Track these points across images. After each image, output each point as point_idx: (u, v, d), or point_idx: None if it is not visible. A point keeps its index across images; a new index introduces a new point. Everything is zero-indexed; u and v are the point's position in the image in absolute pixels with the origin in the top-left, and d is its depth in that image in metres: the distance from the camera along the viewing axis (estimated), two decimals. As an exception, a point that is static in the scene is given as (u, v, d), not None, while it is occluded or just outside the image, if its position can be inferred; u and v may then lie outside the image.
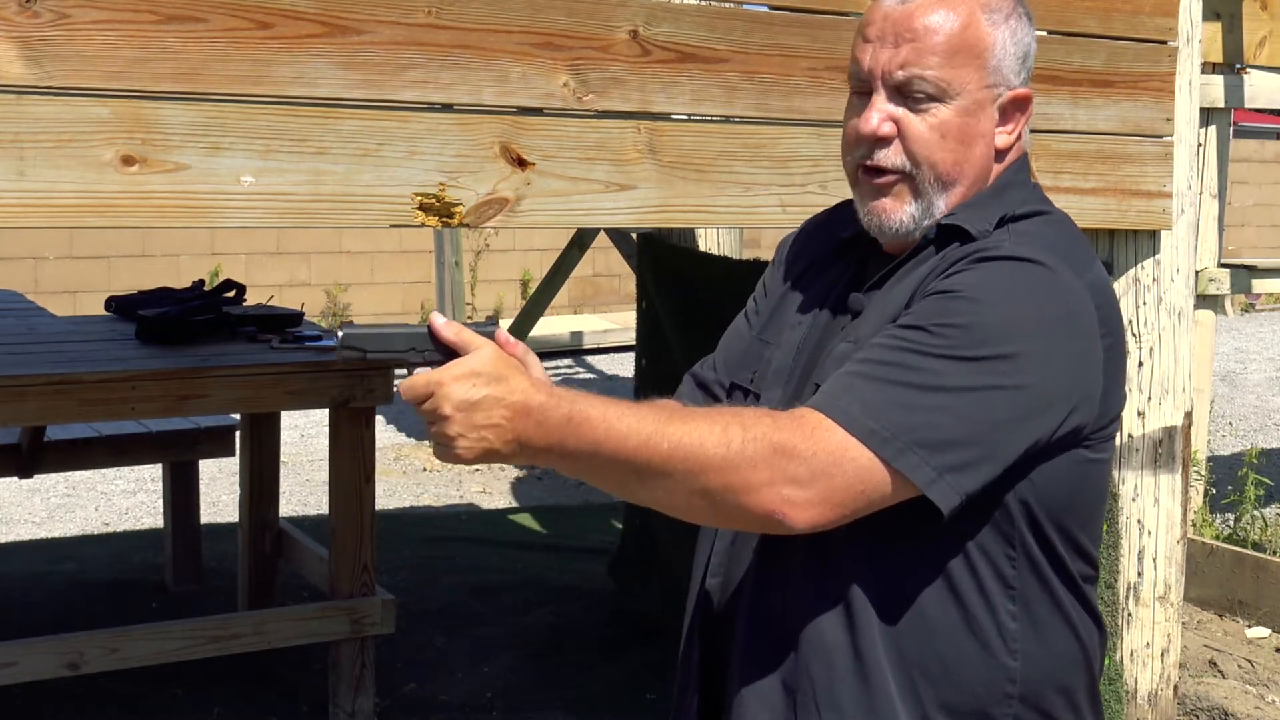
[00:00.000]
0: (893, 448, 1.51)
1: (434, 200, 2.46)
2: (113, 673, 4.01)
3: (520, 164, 2.53)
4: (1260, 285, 5.54)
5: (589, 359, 10.90)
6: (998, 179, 1.72)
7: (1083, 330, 1.61)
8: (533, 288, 10.07)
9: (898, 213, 1.68)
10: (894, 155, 1.67)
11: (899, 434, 1.52)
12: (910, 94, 1.66)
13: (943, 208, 1.68)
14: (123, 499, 6.95)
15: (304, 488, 7.11)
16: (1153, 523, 3.45)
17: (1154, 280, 3.39)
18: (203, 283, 5.14)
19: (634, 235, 5.97)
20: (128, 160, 2.22)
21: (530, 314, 7.86)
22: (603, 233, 7.11)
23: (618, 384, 9.69)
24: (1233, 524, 5.53)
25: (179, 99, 2.26)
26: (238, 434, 4.99)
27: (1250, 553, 4.75)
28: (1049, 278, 1.59)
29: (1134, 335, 3.41)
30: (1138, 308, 3.40)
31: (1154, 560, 3.46)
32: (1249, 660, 4.22)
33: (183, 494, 5.29)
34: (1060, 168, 3.15)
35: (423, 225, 2.47)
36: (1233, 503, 5.57)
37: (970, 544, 1.62)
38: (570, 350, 10.95)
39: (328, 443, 4.28)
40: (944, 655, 1.63)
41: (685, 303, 4.69)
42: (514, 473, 7.56)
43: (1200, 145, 3.86)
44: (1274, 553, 5.02)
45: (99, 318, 5.03)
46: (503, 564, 5.70)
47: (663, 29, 2.66)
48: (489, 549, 5.88)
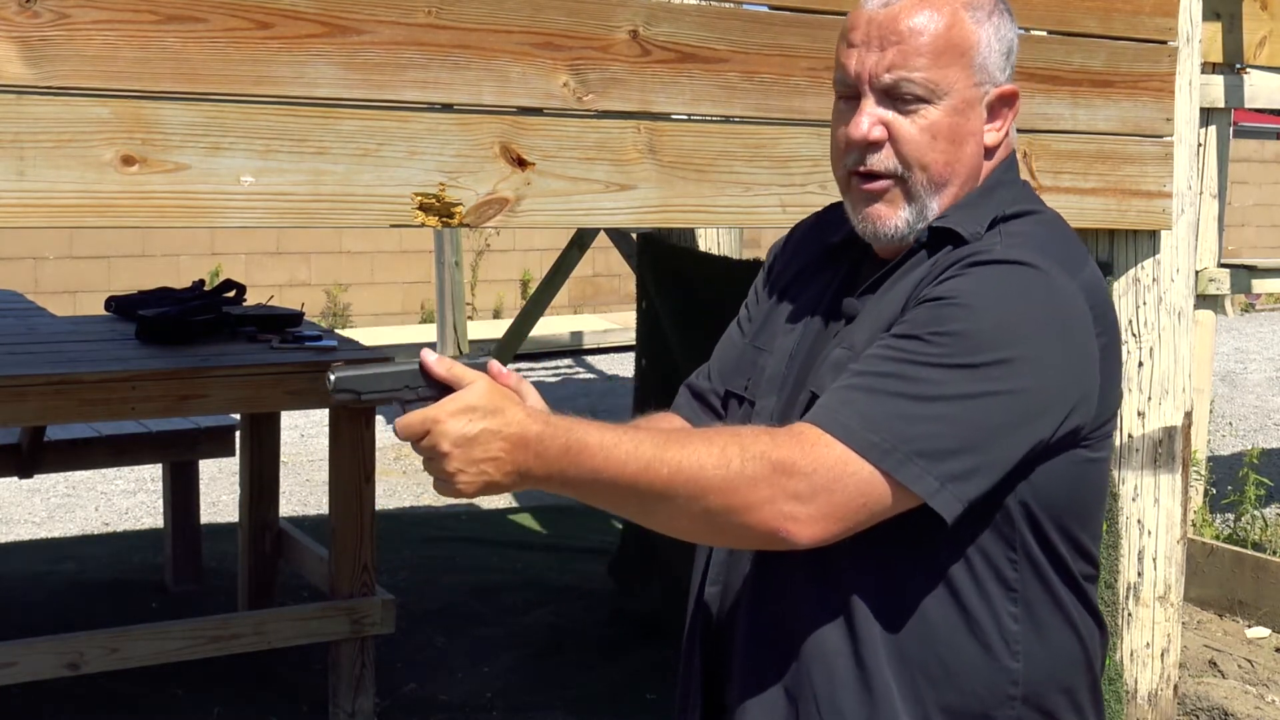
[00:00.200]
0: (894, 459, 1.51)
1: (434, 200, 2.46)
2: (113, 673, 4.01)
3: (520, 164, 2.53)
4: (1260, 285, 5.54)
5: (589, 359, 10.89)
6: (987, 178, 1.72)
7: (1078, 331, 1.60)
8: (533, 288, 10.07)
9: (892, 219, 1.68)
10: (886, 159, 1.66)
11: (899, 445, 1.51)
12: (898, 96, 1.65)
13: (936, 209, 1.67)
14: (123, 499, 6.95)
15: (304, 488, 7.11)
16: (1153, 523, 3.45)
17: (1154, 280, 3.39)
18: (203, 283, 5.14)
19: (634, 235, 5.97)
20: (128, 160, 2.22)
21: (530, 314, 7.85)
22: (603, 233, 7.10)
23: (618, 384, 9.69)
24: (1233, 524, 5.53)
25: (179, 99, 2.26)
26: (238, 434, 4.99)
27: (1250, 553, 4.75)
28: (1042, 280, 1.59)
29: (1134, 335, 3.41)
30: (1138, 308, 3.40)
31: (1154, 560, 3.46)
32: (1249, 660, 4.22)
33: (183, 494, 5.29)
34: (1060, 168, 3.15)
35: (423, 225, 2.47)
36: (1233, 503, 5.57)
37: (971, 548, 1.61)
38: (570, 350, 10.95)
39: (328, 443, 4.28)
40: (946, 659, 1.62)
41: (685, 303, 4.69)
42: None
43: (1200, 145, 3.86)
44: (1274, 553, 5.02)
45: (99, 318, 5.03)
46: (503, 564, 5.70)
47: (663, 29, 2.66)
48: (489, 549, 5.88)
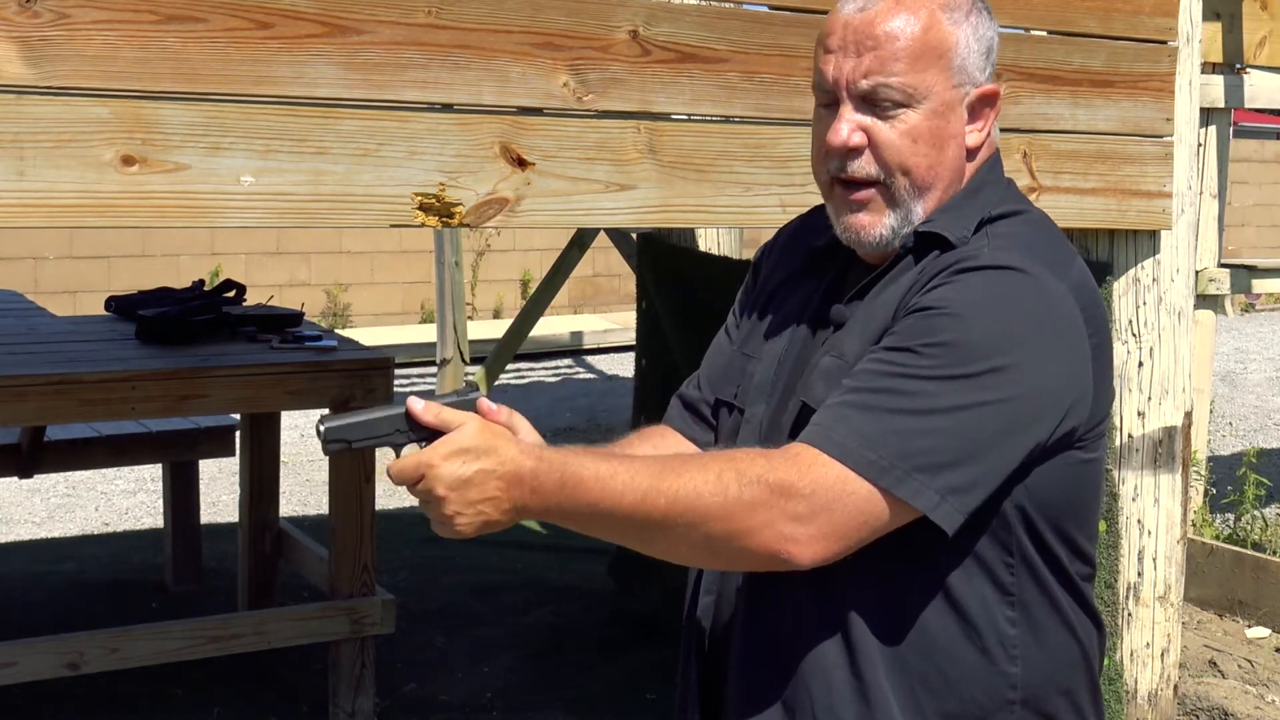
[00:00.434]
0: (892, 476, 1.51)
1: (434, 200, 2.46)
2: (113, 673, 4.02)
3: (520, 164, 2.53)
4: (1260, 285, 5.54)
5: (589, 359, 10.89)
6: (971, 180, 1.70)
7: (1069, 334, 1.59)
8: (533, 288, 10.07)
9: (876, 227, 1.67)
10: (867, 165, 1.65)
11: (897, 462, 1.51)
12: (877, 102, 1.63)
13: (920, 214, 1.66)
14: (123, 499, 6.95)
15: (304, 488, 7.11)
16: (1153, 523, 3.45)
17: (1154, 280, 3.39)
18: (203, 283, 5.14)
19: (634, 235, 5.96)
20: (128, 160, 2.22)
21: (530, 314, 7.84)
22: (603, 233, 7.10)
23: (618, 384, 9.69)
24: (1233, 524, 5.53)
25: (179, 99, 2.25)
26: (238, 434, 4.99)
27: (1250, 553, 4.75)
28: (1031, 284, 1.58)
29: (1134, 335, 3.41)
30: (1138, 308, 3.40)
31: (1154, 560, 3.46)
32: (1249, 660, 4.22)
33: (183, 494, 5.30)
34: (1060, 168, 3.15)
35: (423, 225, 2.47)
36: (1233, 503, 5.57)
37: (967, 555, 1.61)
38: (570, 350, 10.95)
39: (328, 443, 4.27)
40: (944, 667, 1.62)
41: (685, 303, 4.69)
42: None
43: (1200, 145, 3.86)
44: (1274, 553, 5.02)
45: (99, 318, 5.03)
46: (503, 564, 5.70)
47: (663, 29, 2.65)
48: (489, 549, 5.87)
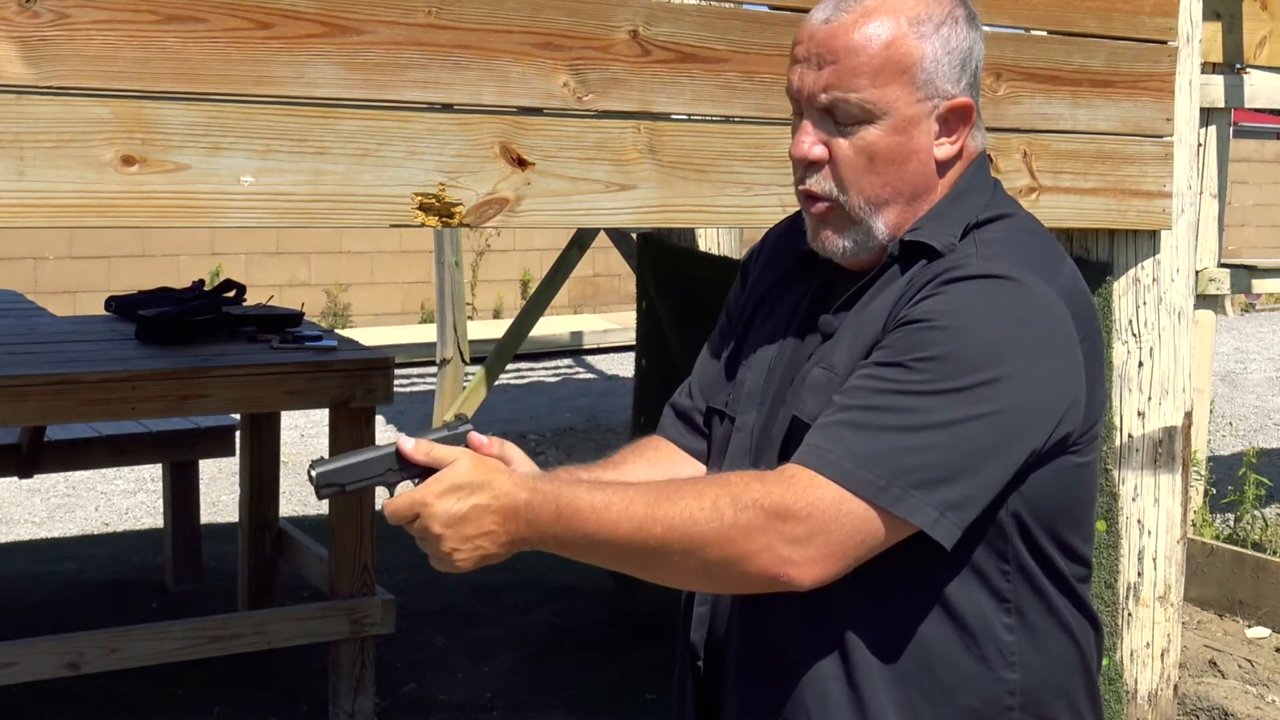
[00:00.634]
0: (890, 495, 1.50)
1: (434, 200, 2.46)
2: (113, 673, 4.02)
3: (520, 164, 2.53)
4: (1260, 285, 5.54)
5: (589, 359, 10.89)
6: (955, 185, 1.68)
7: (1061, 341, 1.58)
8: (533, 288, 10.06)
9: (838, 241, 1.66)
10: (824, 181, 1.64)
11: (894, 480, 1.50)
12: (836, 117, 1.62)
13: (883, 227, 1.65)
14: (123, 499, 6.95)
15: (304, 488, 7.11)
16: (1153, 523, 3.45)
17: (1154, 280, 3.39)
18: (203, 283, 5.14)
19: (634, 235, 5.96)
20: (128, 160, 2.22)
21: (530, 314, 7.84)
22: (603, 233, 7.10)
23: (618, 384, 9.69)
24: (1233, 524, 5.53)
25: (179, 99, 2.25)
26: (238, 434, 4.99)
27: (1250, 553, 4.75)
28: (1020, 293, 1.56)
29: (1134, 335, 3.41)
30: (1138, 308, 3.40)
31: (1154, 560, 3.46)
32: (1249, 660, 4.22)
33: (183, 494, 5.30)
34: (1060, 168, 3.15)
35: (423, 225, 2.47)
36: (1233, 503, 5.57)
37: (963, 565, 1.60)
38: (570, 350, 10.94)
39: (328, 443, 4.28)
40: (941, 675, 1.61)
41: (685, 303, 4.69)
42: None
43: (1200, 145, 3.86)
44: (1274, 553, 5.02)
45: (99, 318, 5.03)
46: (503, 564, 5.65)
47: (663, 29, 2.65)
48: (489, 549, 5.87)
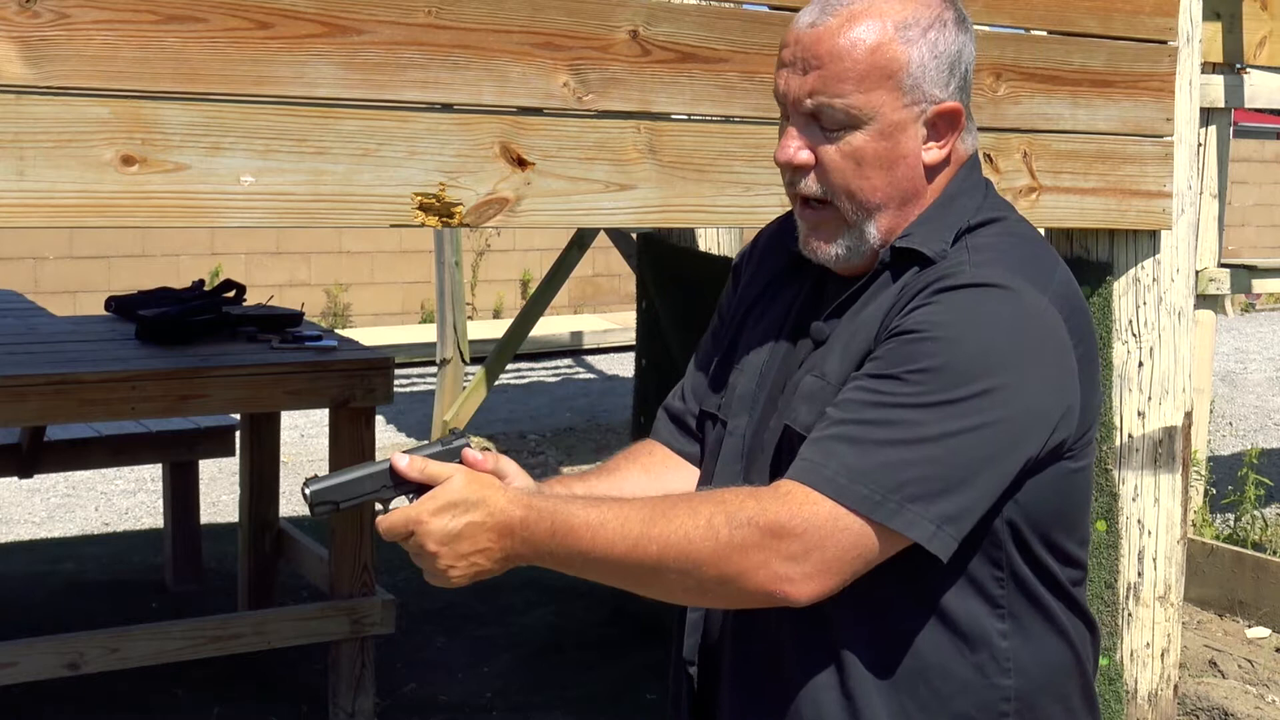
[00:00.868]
0: (886, 510, 1.49)
1: (434, 200, 2.46)
2: (113, 673, 4.01)
3: (520, 164, 2.53)
4: (1260, 285, 5.54)
5: (589, 359, 10.89)
6: (946, 188, 1.67)
7: (1055, 348, 1.58)
8: (533, 288, 10.07)
9: (830, 247, 1.66)
10: (813, 184, 1.64)
11: (890, 495, 1.49)
12: (822, 122, 1.62)
13: (875, 232, 1.64)
14: (123, 499, 6.95)
15: (304, 488, 7.11)
16: (1153, 523, 3.45)
17: (1154, 280, 3.39)
18: (203, 283, 5.14)
19: (634, 235, 5.96)
20: (128, 160, 2.22)
21: (530, 314, 7.84)
22: (603, 233, 7.10)
23: (618, 384, 9.69)
24: (1233, 524, 5.53)
25: (179, 99, 2.25)
26: (238, 434, 4.99)
27: (1250, 553, 4.75)
28: (1013, 301, 1.55)
29: (1134, 335, 3.41)
30: (1138, 308, 3.40)
31: (1154, 560, 3.46)
32: (1249, 660, 4.22)
33: (183, 494, 5.30)
34: (1060, 168, 3.15)
35: (423, 225, 2.47)
36: (1233, 503, 5.57)
37: (957, 574, 1.59)
38: (570, 350, 10.94)
39: (328, 443, 4.28)
40: (936, 683, 1.61)
41: (685, 303, 4.69)
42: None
43: (1200, 145, 3.86)
44: (1274, 553, 5.02)
45: (99, 318, 5.03)
46: (503, 564, 5.69)
47: (663, 29, 2.65)
48: (489, 549, 5.87)
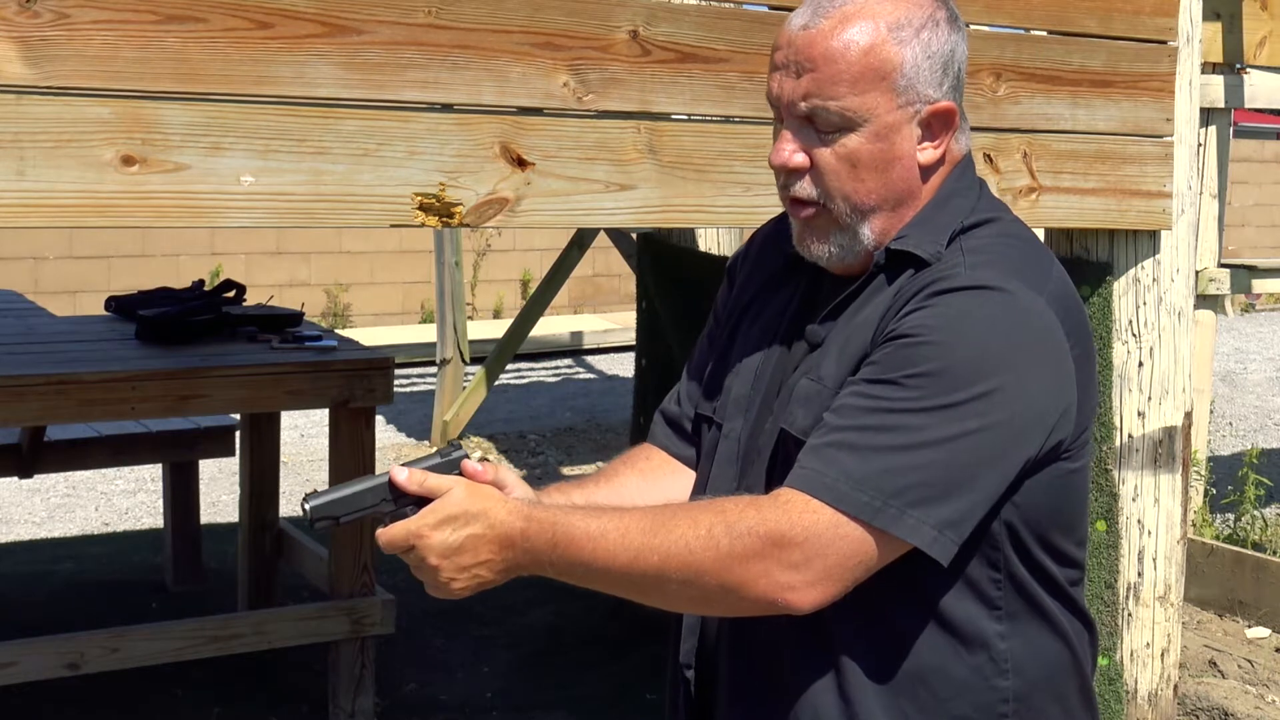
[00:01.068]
0: (887, 516, 1.49)
1: (434, 200, 2.46)
2: (113, 673, 4.01)
3: (520, 164, 2.53)
4: (1260, 285, 5.54)
5: (589, 359, 10.88)
6: (940, 189, 1.67)
7: (1052, 350, 1.58)
8: (533, 288, 10.07)
9: (824, 245, 1.66)
10: (807, 187, 1.64)
11: (890, 501, 1.49)
12: (817, 125, 1.61)
13: (869, 233, 1.64)
14: (123, 499, 6.95)
15: (304, 488, 7.11)
16: (1153, 523, 3.45)
17: (1154, 280, 3.39)
18: (203, 283, 5.14)
19: (634, 235, 5.97)
20: (128, 160, 2.22)
21: (530, 314, 7.85)
22: (603, 233, 7.10)
23: (618, 384, 9.69)
24: (1233, 524, 5.53)
25: (179, 99, 2.25)
26: (238, 434, 4.99)
27: (1250, 553, 4.75)
28: (1009, 303, 1.55)
29: (1134, 335, 3.41)
30: (1138, 308, 3.40)
31: (1154, 560, 3.46)
32: (1249, 660, 4.22)
33: (183, 494, 5.30)
34: (1060, 168, 3.15)
35: (423, 225, 2.47)
36: (1233, 503, 5.56)
37: (954, 576, 1.59)
38: (570, 350, 10.94)
39: (328, 443, 4.28)
40: (934, 685, 1.61)
41: (685, 303, 4.69)
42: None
43: (1200, 145, 3.86)
44: (1274, 553, 5.02)
45: (99, 318, 5.03)
46: (503, 564, 5.69)
47: (663, 29, 2.65)
48: (489, 549, 5.86)
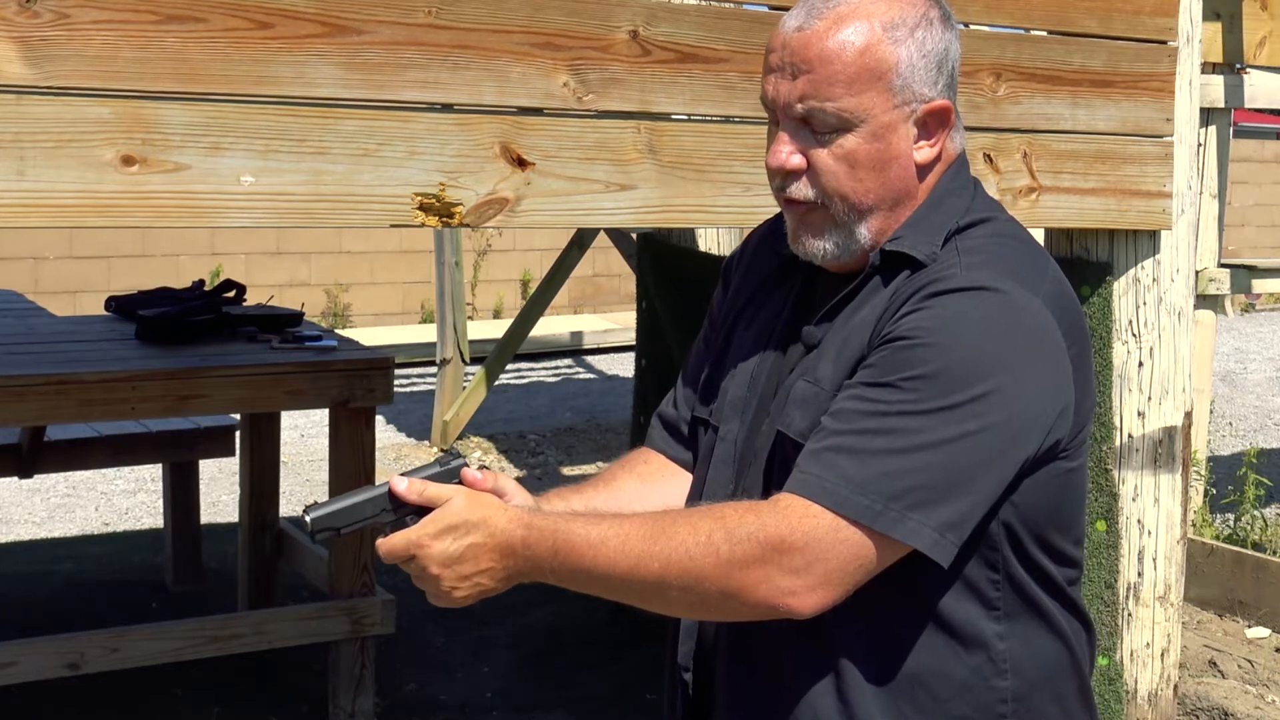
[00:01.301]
0: (887, 519, 1.50)
1: (434, 200, 2.46)
2: (113, 673, 4.01)
3: (520, 164, 2.53)
4: (1260, 285, 5.54)
5: (589, 359, 10.89)
6: (934, 189, 1.67)
7: (1048, 349, 1.58)
8: (533, 288, 10.07)
9: (819, 242, 1.65)
10: (805, 188, 1.63)
11: (890, 504, 1.50)
12: (814, 126, 1.61)
13: (866, 233, 1.64)
14: (123, 499, 6.95)
15: (304, 488, 7.11)
16: (1153, 523, 3.45)
17: (1154, 280, 3.39)
18: (203, 283, 5.14)
19: (634, 235, 5.97)
20: (128, 160, 2.22)
21: (530, 314, 7.85)
22: (603, 233, 7.11)
23: (618, 384, 9.69)
24: (1233, 524, 5.53)
25: (179, 99, 2.26)
26: (238, 434, 4.99)
27: (1250, 553, 4.74)
28: (1006, 303, 1.55)
29: (1134, 335, 3.41)
30: (1138, 308, 3.40)
31: (1154, 560, 3.46)
32: (1249, 660, 4.22)
33: (183, 494, 5.30)
34: (1060, 168, 3.15)
35: (423, 225, 2.47)
36: (1233, 503, 5.57)
37: (953, 577, 1.59)
38: (570, 350, 10.94)
39: (328, 443, 4.28)
40: (934, 687, 1.61)
41: (685, 303, 4.69)
42: (513, 471, 7.55)
43: (1200, 145, 3.86)
44: (1274, 553, 5.02)
45: (99, 318, 5.03)
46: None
47: (663, 29, 2.65)
48: (489, 549, 5.86)
